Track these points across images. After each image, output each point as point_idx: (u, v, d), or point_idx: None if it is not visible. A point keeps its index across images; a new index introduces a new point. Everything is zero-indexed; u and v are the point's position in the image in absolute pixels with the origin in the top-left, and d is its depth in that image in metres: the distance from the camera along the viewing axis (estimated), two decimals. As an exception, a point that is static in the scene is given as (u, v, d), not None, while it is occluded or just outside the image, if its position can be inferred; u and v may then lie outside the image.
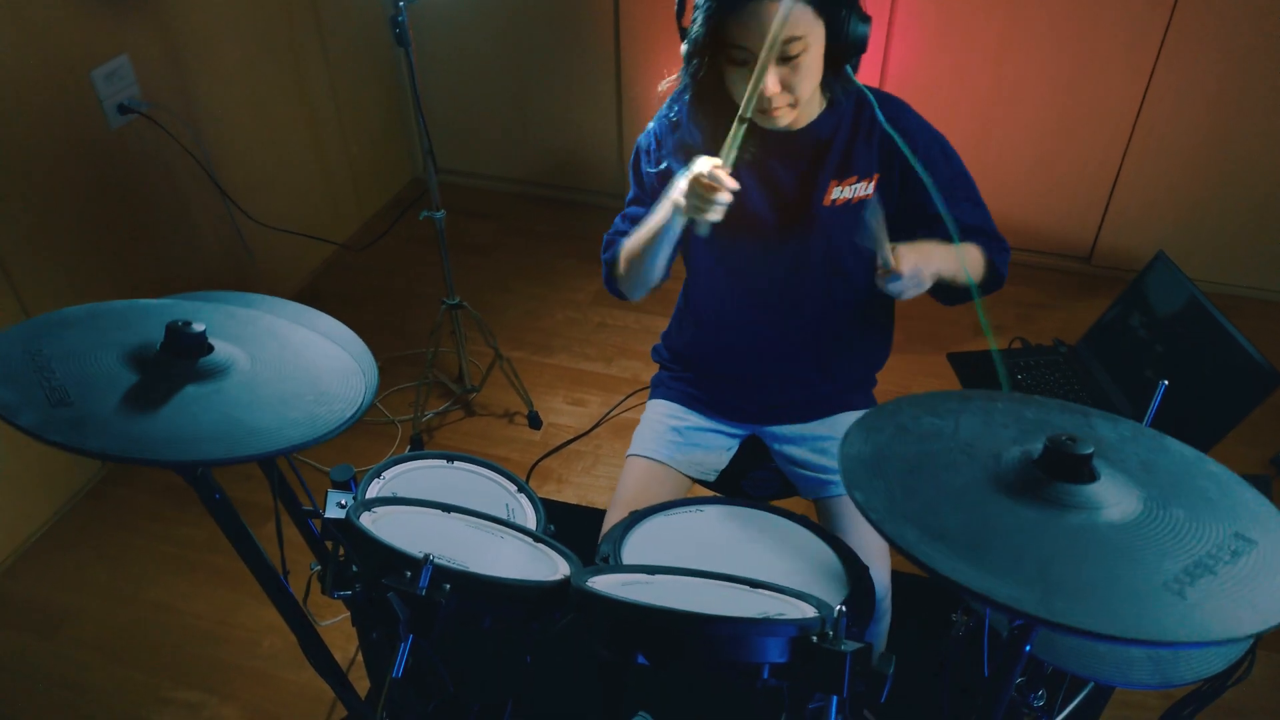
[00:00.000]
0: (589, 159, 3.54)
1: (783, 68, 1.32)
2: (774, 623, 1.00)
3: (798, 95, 1.35)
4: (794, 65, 1.32)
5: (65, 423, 0.91)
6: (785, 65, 1.32)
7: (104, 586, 2.23)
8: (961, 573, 0.77)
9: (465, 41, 3.38)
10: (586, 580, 1.13)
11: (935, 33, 2.91)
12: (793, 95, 1.35)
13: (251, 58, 2.80)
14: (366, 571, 1.13)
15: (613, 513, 1.59)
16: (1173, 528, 0.85)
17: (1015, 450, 0.89)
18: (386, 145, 3.60)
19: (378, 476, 1.40)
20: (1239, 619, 0.76)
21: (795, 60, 1.31)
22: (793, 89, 1.34)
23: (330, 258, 3.32)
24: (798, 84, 1.34)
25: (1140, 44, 2.77)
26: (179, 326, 1.00)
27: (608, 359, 2.91)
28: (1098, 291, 3.12)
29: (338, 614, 2.07)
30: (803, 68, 1.33)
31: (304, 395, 1.00)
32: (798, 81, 1.34)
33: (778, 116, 1.37)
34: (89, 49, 2.26)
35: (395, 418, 2.68)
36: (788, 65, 1.32)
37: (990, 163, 3.09)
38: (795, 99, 1.36)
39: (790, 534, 1.41)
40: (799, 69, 1.33)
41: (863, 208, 1.47)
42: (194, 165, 2.58)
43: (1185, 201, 3.00)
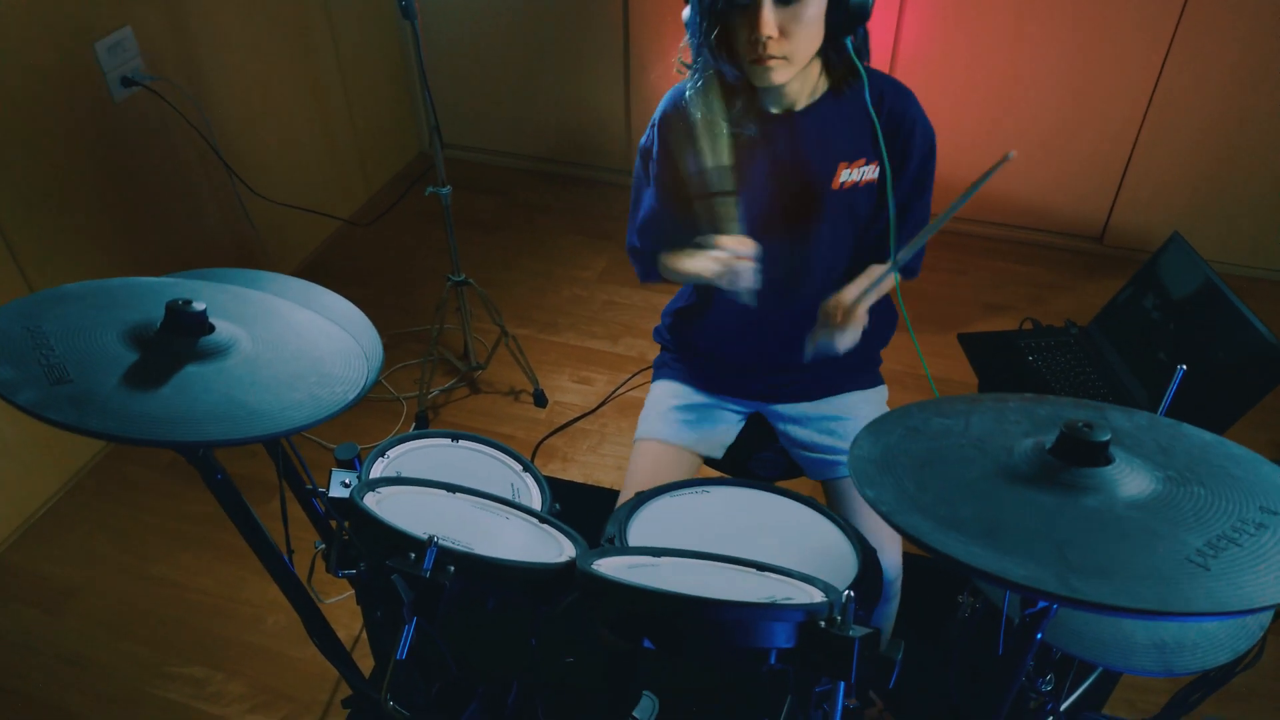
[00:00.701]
0: (597, 135, 3.51)
1: (782, 10, 1.29)
2: (781, 608, 0.99)
3: (793, 47, 1.31)
4: (793, 10, 1.29)
5: (65, 401, 0.89)
6: (785, 8, 1.29)
7: (110, 561, 2.24)
8: (977, 557, 0.76)
9: (472, 16, 3.34)
10: (592, 562, 1.12)
11: (949, 11, 2.86)
12: (788, 45, 1.31)
13: (257, 30, 2.77)
14: (370, 553, 1.12)
15: (625, 498, 1.58)
16: (1194, 504, 0.83)
17: (1028, 442, 0.88)
18: (393, 120, 3.57)
19: (382, 455, 1.39)
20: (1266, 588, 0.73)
21: (795, 6, 1.29)
22: (789, 36, 1.30)
23: (335, 233, 3.30)
24: (795, 32, 1.30)
25: (1156, 22, 2.72)
26: (179, 305, 0.98)
27: (614, 337, 2.90)
28: (1109, 272, 3.09)
29: (342, 591, 2.07)
30: (802, 19, 1.29)
31: (306, 376, 0.99)
32: (795, 29, 1.30)
33: (771, 68, 1.33)
34: (93, 21, 2.24)
35: (400, 394, 2.67)
36: (788, 9, 1.29)
37: (1003, 140, 3.05)
38: (791, 50, 1.32)
39: (797, 515, 1.40)
40: (799, 18, 1.29)
41: (870, 190, 1.46)
42: (198, 139, 2.56)
43: (1199, 181, 2.96)
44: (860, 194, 1.47)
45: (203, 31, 2.57)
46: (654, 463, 1.62)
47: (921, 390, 2.67)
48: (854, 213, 1.49)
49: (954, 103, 3.01)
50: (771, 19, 1.29)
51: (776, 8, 1.29)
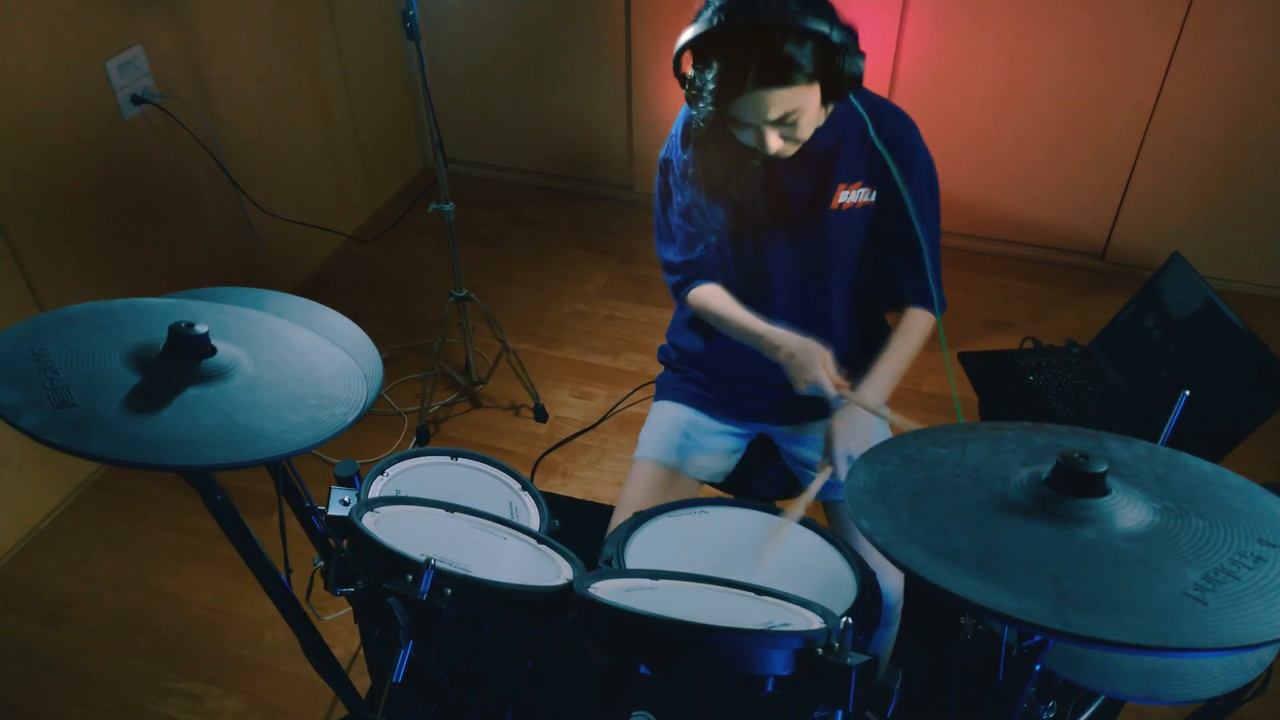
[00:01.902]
0: (599, 151, 3.52)
1: (787, 129, 1.35)
2: (778, 635, 0.99)
3: (799, 137, 1.38)
4: (795, 122, 1.34)
5: (67, 424, 0.90)
6: (784, 127, 1.35)
7: (110, 574, 2.24)
8: (972, 590, 0.76)
9: (476, 33, 3.36)
10: (589, 585, 1.12)
11: (948, 25, 2.87)
12: (791, 144, 1.39)
13: (265, 49, 2.79)
14: (368, 574, 1.12)
15: (619, 516, 1.58)
16: (1192, 536, 0.82)
17: (1024, 472, 0.88)
18: (397, 136, 3.58)
19: (381, 473, 1.39)
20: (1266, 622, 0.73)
21: (795, 122, 1.34)
22: (792, 139, 1.38)
23: (339, 248, 3.31)
24: (799, 134, 1.37)
25: (1156, 38, 2.73)
26: (182, 328, 0.99)
27: (615, 352, 2.90)
28: (1111, 289, 3.09)
29: (341, 608, 2.06)
30: (802, 123, 1.36)
31: (306, 398, 0.99)
32: (799, 133, 1.37)
33: (782, 154, 1.40)
34: (104, 40, 2.26)
35: (402, 409, 2.67)
36: (787, 125, 1.35)
37: (1003, 156, 3.06)
38: (797, 143, 1.39)
39: (796, 537, 1.40)
40: (800, 124, 1.36)
41: (868, 213, 1.47)
42: (206, 155, 2.57)
43: (1202, 198, 2.96)
44: (857, 216, 1.49)
45: (212, 51, 2.59)
46: (650, 484, 1.62)
47: (921, 408, 2.67)
48: (852, 235, 1.50)
49: (953, 117, 3.02)
50: (775, 143, 1.36)
51: (775, 130, 1.34)
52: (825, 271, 1.53)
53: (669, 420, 1.70)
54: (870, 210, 1.48)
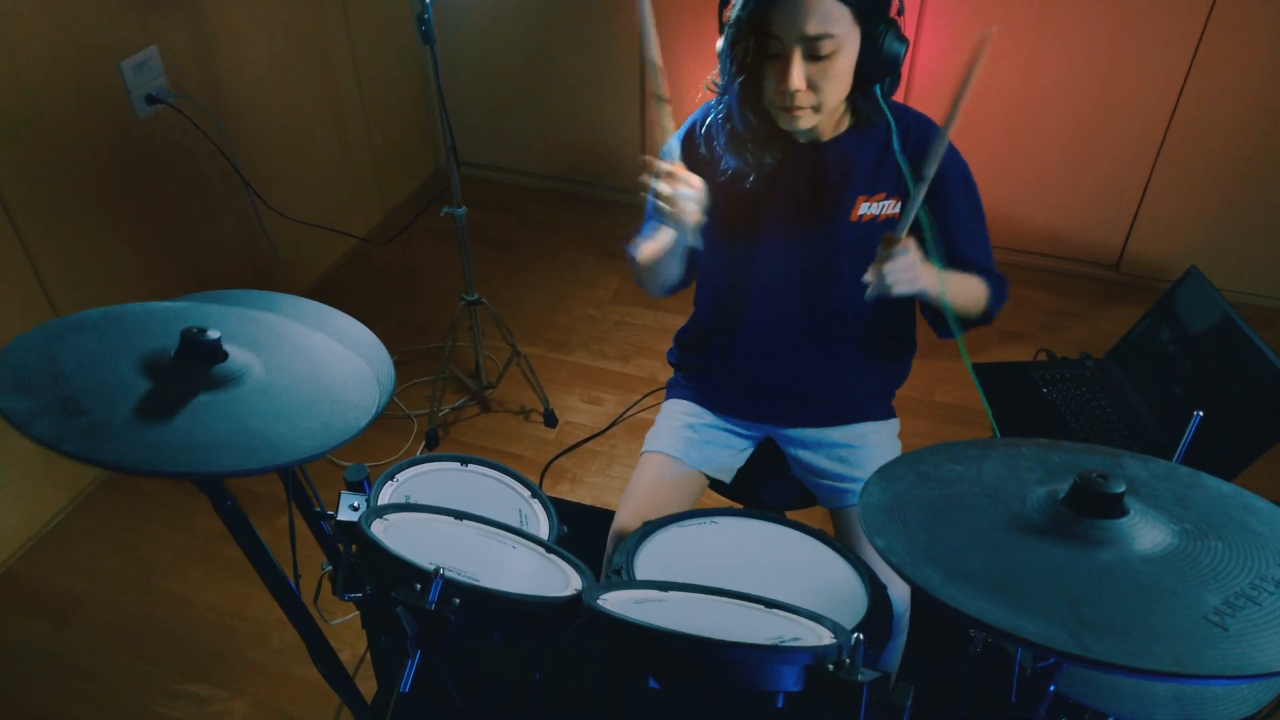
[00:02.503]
0: (611, 155, 3.52)
1: (811, 65, 1.29)
2: (789, 650, 0.98)
3: (822, 99, 1.32)
4: (823, 66, 1.29)
5: (79, 432, 0.89)
6: (814, 63, 1.29)
7: (118, 575, 2.24)
8: (988, 612, 0.75)
9: (490, 37, 3.36)
10: (598, 596, 1.11)
11: (964, 35, 2.86)
12: (816, 97, 1.32)
13: (279, 51, 2.79)
14: (376, 582, 1.11)
15: (624, 507, 1.57)
16: (1211, 560, 0.81)
17: (1041, 491, 0.87)
18: (410, 138, 3.59)
19: (391, 479, 1.39)
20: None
21: (825, 60, 1.29)
22: (818, 89, 1.31)
23: (351, 250, 3.31)
24: (824, 86, 1.31)
25: (1174, 48, 2.71)
26: (194, 334, 0.98)
27: (625, 358, 2.89)
28: (1126, 300, 3.07)
29: (349, 612, 2.07)
30: (831, 71, 1.30)
31: (319, 402, 0.99)
32: (824, 84, 1.30)
33: (798, 117, 1.34)
34: (118, 40, 2.26)
35: (412, 412, 2.67)
36: (817, 63, 1.29)
37: (1018, 165, 3.04)
38: (819, 102, 1.32)
39: (806, 549, 1.39)
40: (827, 72, 1.30)
41: (889, 226, 1.45)
42: (219, 156, 2.58)
43: (1217, 209, 2.94)
44: (878, 228, 1.46)
45: (226, 51, 2.60)
46: (658, 477, 1.61)
47: (930, 418, 2.65)
48: (871, 246, 1.47)
49: (969, 125, 3.01)
50: (800, 73, 1.29)
51: (806, 62, 1.29)
52: (839, 283, 1.51)
53: (676, 415, 1.70)
54: (894, 222, 1.46)
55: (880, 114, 1.39)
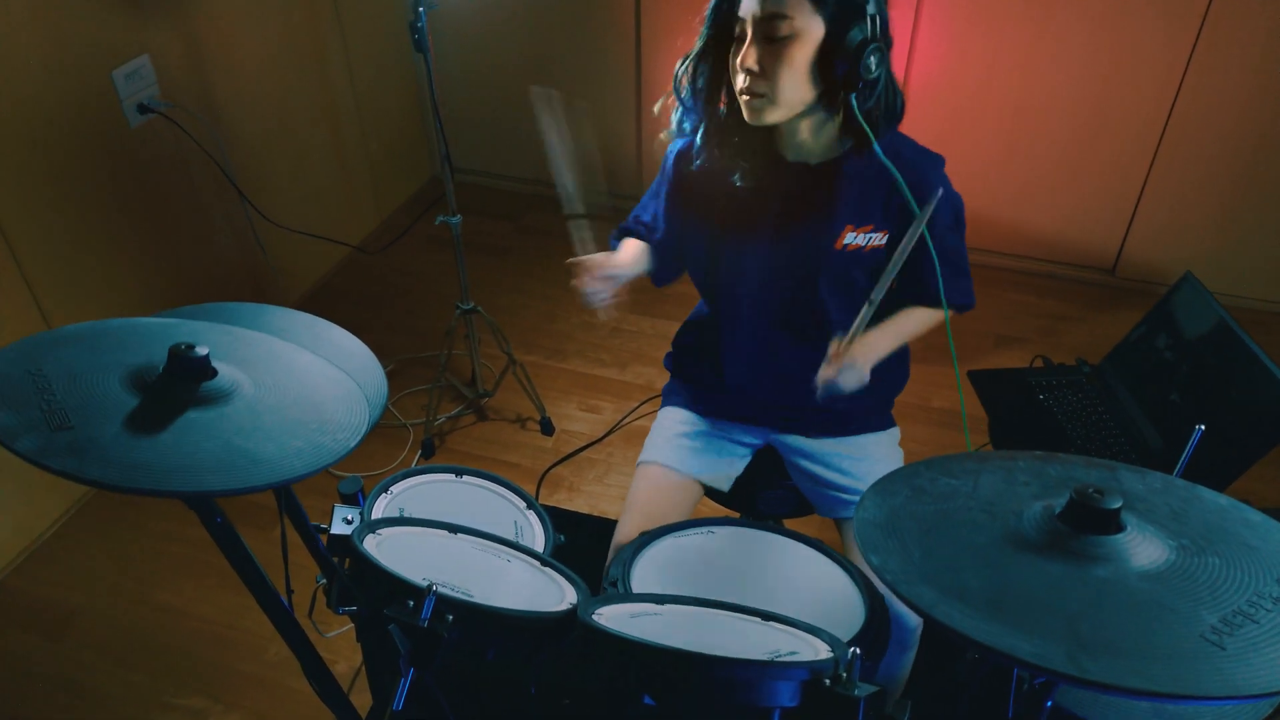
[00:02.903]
0: (608, 161, 3.51)
1: (765, 46, 1.29)
2: (785, 666, 0.97)
3: (774, 88, 1.30)
4: (776, 49, 1.28)
5: (65, 448, 0.89)
6: (768, 45, 1.28)
7: (112, 587, 2.23)
8: (984, 631, 0.74)
9: (484, 44, 3.35)
10: (593, 611, 1.11)
11: (960, 43, 2.86)
12: (769, 84, 1.30)
13: (273, 59, 2.79)
14: (369, 599, 1.10)
15: (624, 520, 1.56)
16: (1209, 576, 0.80)
17: (1037, 506, 0.86)
18: (405, 146, 3.58)
19: (385, 491, 1.38)
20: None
21: (779, 44, 1.28)
22: (771, 76, 1.29)
23: (346, 258, 3.30)
24: (777, 72, 1.29)
25: (1169, 55, 2.71)
26: (182, 350, 0.97)
27: (622, 364, 2.89)
28: (1122, 304, 3.07)
29: (343, 625, 2.05)
30: (784, 57, 1.28)
31: (308, 422, 0.98)
32: (778, 70, 1.29)
33: (754, 105, 1.33)
34: (110, 49, 2.26)
35: (408, 421, 2.66)
36: (770, 45, 1.28)
37: (1015, 170, 3.04)
38: (771, 91, 1.30)
39: (804, 559, 1.38)
40: (780, 56, 1.28)
41: (875, 256, 1.45)
42: (212, 165, 2.57)
43: (1213, 214, 2.93)
44: (864, 258, 1.45)
45: (219, 60, 2.59)
46: (655, 488, 1.60)
47: (928, 423, 2.65)
48: (854, 276, 1.47)
49: (965, 131, 3.01)
50: (754, 53, 1.29)
51: (761, 44, 1.29)
52: (824, 306, 1.50)
53: (673, 424, 1.69)
54: (880, 253, 1.45)
55: (864, 137, 1.35)
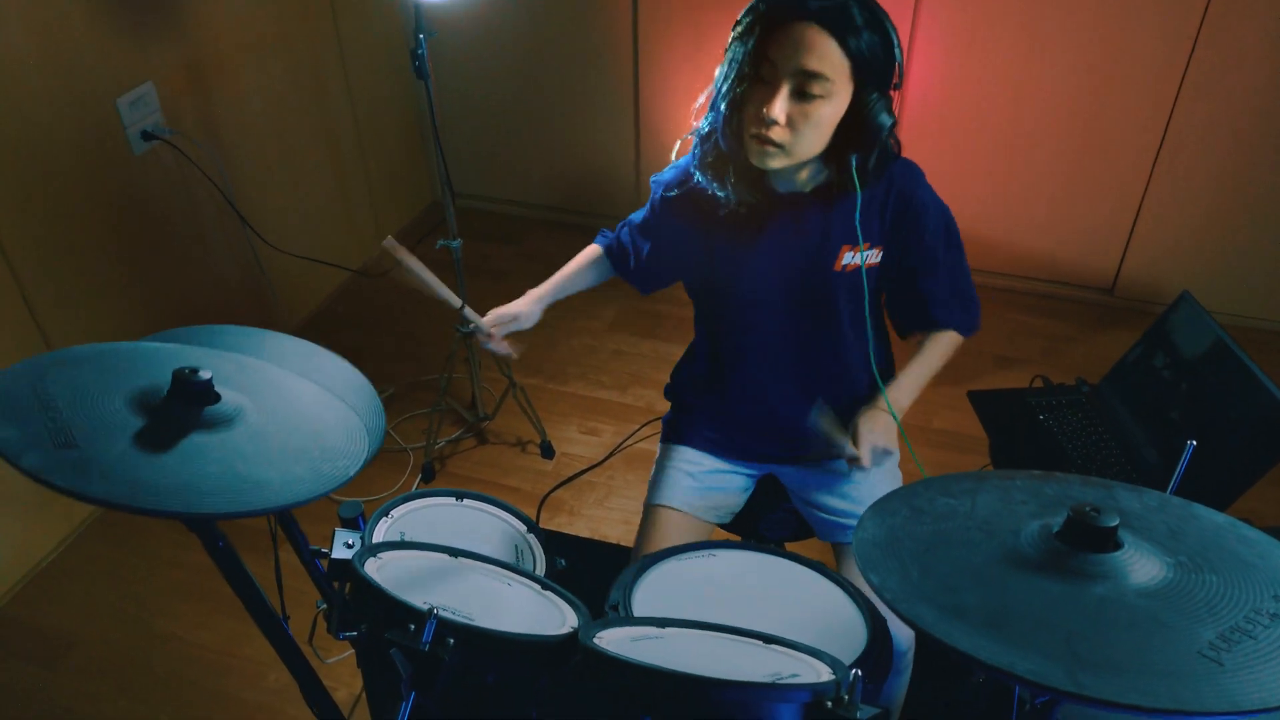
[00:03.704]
0: (607, 184, 3.54)
1: (795, 102, 1.29)
2: (787, 688, 0.97)
3: (795, 143, 1.31)
4: (806, 108, 1.29)
5: (69, 466, 0.89)
6: (800, 101, 1.29)
7: (112, 613, 2.22)
8: (983, 649, 0.74)
9: (485, 70, 3.39)
10: (595, 634, 1.10)
11: (955, 63, 2.89)
12: (791, 138, 1.31)
13: (274, 86, 2.82)
14: (370, 622, 1.10)
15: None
16: (1206, 593, 0.81)
17: (1035, 525, 0.86)
18: (406, 171, 3.61)
19: (386, 515, 1.38)
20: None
21: (811, 102, 1.29)
22: (795, 130, 1.30)
23: (346, 282, 3.32)
24: (802, 129, 1.30)
25: (1162, 75, 2.74)
26: (186, 374, 0.98)
27: (623, 387, 2.89)
28: (1121, 324, 3.08)
29: (344, 651, 2.04)
30: (813, 116, 1.29)
31: (309, 449, 0.98)
32: (803, 127, 1.30)
33: (768, 152, 1.33)
34: (115, 77, 2.29)
35: (408, 445, 2.67)
36: (801, 103, 1.29)
37: (1012, 192, 3.06)
38: (791, 144, 1.31)
39: (805, 581, 1.38)
40: (809, 115, 1.29)
41: (873, 275, 1.46)
42: (214, 191, 2.60)
43: (1210, 233, 2.95)
44: (863, 276, 1.47)
45: (222, 87, 2.62)
46: (665, 530, 1.61)
47: (928, 444, 2.65)
48: (857, 295, 1.49)
49: (962, 153, 3.03)
50: (783, 106, 1.29)
51: (791, 98, 1.29)
52: (835, 328, 1.52)
53: (678, 464, 1.69)
54: (877, 270, 1.47)
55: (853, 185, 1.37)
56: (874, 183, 1.40)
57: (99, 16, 2.21)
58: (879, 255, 1.46)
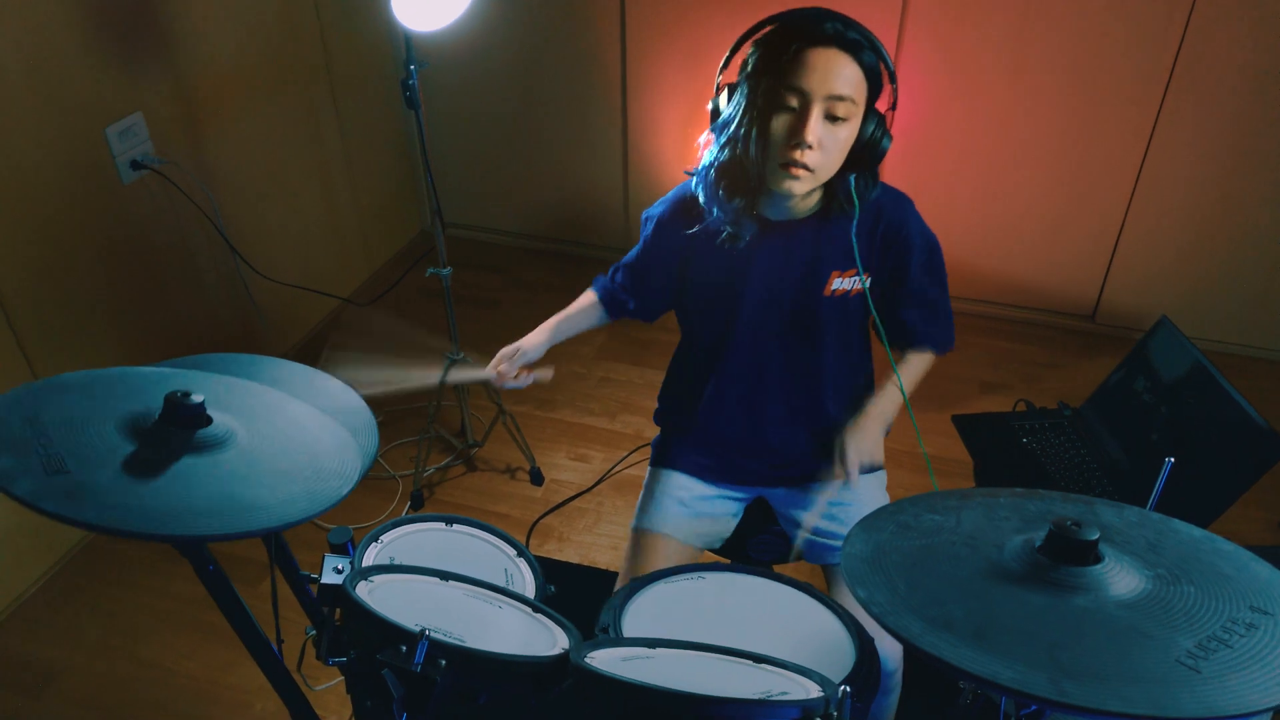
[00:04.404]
0: (596, 214, 3.57)
1: (824, 126, 1.33)
2: (776, 705, 0.98)
3: (821, 163, 1.35)
4: (834, 130, 1.33)
5: (61, 492, 0.90)
6: (828, 124, 1.33)
7: (96, 643, 2.20)
8: (969, 660, 0.76)
9: (475, 100, 3.43)
10: (586, 655, 1.11)
11: (937, 95, 2.95)
12: (820, 158, 1.34)
13: (264, 115, 2.84)
14: (361, 645, 1.11)
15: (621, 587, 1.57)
16: (1184, 604, 0.83)
17: (1018, 539, 0.88)
18: (396, 199, 3.64)
19: (375, 540, 1.39)
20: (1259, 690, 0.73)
21: (837, 124, 1.33)
22: (823, 152, 1.34)
23: (336, 311, 3.33)
24: (830, 149, 1.34)
25: (1139, 107, 2.80)
26: (178, 398, 0.99)
27: (611, 414, 2.90)
28: (1102, 350, 3.12)
29: (333, 678, 2.03)
30: (840, 137, 1.34)
31: (301, 470, 0.99)
32: (831, 147, 1.34)
33: (800, 177, 1.35)
34: (104, 106, 2.30)
35: (397, 473, 2.66)
36: (830, 125, 1.33)
37: (995, 222, 3.11)
38: (819, 166, 1.35)
39: (794, 602, 1.39)
40: (837, 137, 1.34)
41: (862, 300, 1.51)
42: (204, 220, 2.61)
43: (1190, 259, 3.01)
44: (852, 302, 1.51)
45: (212, 116, 2.64)
46: (652, 556, 1.61)
47: (914, 469, 2.67)
48: (847, 320, 1.52)
49: (946, 183, 3.08)
50: (817, 130, 1.32)
51: (824, 120, 1.33)
52: (823, 351, 1.55)
53: (665, 489, 1.70)
54: (865, 297, 1.51)
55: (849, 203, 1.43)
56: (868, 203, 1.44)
57: (89, 46, 2.23)
58: (868, 280, 1.49)
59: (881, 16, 2.85)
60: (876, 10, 2.85)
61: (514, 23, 3.21)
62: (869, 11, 2.82)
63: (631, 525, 1.68)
